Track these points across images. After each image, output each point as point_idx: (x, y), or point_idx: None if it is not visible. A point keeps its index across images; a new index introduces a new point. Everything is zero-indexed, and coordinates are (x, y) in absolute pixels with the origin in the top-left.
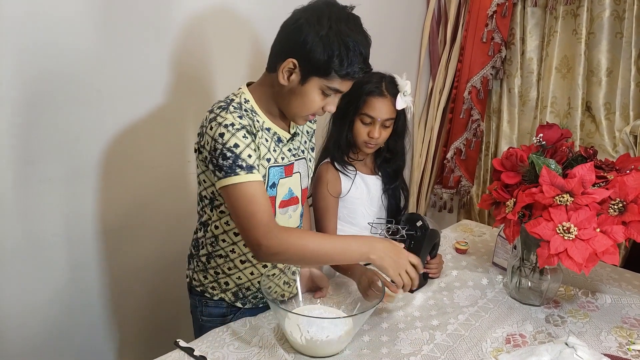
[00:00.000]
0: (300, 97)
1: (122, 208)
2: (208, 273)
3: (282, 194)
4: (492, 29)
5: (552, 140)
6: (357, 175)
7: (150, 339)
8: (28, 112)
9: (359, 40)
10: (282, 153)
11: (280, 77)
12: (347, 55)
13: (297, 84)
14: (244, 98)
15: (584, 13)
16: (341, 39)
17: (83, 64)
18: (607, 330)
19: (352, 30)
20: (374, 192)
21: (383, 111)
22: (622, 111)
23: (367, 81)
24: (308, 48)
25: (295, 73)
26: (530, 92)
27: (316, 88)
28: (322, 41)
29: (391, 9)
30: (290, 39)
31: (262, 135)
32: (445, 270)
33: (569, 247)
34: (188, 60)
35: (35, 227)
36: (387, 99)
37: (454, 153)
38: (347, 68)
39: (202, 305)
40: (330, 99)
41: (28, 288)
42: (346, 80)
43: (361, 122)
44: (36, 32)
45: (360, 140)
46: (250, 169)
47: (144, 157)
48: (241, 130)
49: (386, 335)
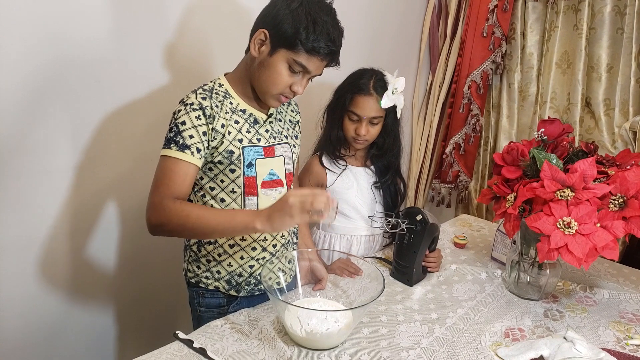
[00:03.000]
0: (268, 69)
1: (121, 200)
2: (200, 262)
3: (262, 174)
4: (492, 24)
5: (554, 135)
6: (345, 169)
7: (149, 331)
8: (27, 102)
9: (327, 20)
10: (257, 134)
11: (252, 48)
12: (314, 30)
13: (266, 56)
14: (218, 83)
15: (585, 8)
16: (310, 15)
17: (84, 55)
18: (605, 324)
19: (322, 12)
20: (362, 183)
21: (368, 109)
22: (621, 107)
23: (358, 77)
24: (278, 20)
25: (266, 45)
26: (530, 87)
27: (283, 60)
28: (292, 14)
29: (391, 3)
30: (264, 13)
31: (232, 117)
32: (444, 265)
33: (569, 241)
34: (189, 53)
35: (33, 219)
36: (373, 98)
37: (452, 148)
38: (312, 42)
39: (199, 297)
40: (298, 79)
41: (25, 280)
42: (312, 56)
43: (349, 119)
44: (35, 24)
45: (349, 137)
46: (184, 148)
47: (144, 149)
48: (197, 111)
49: (385, 328)
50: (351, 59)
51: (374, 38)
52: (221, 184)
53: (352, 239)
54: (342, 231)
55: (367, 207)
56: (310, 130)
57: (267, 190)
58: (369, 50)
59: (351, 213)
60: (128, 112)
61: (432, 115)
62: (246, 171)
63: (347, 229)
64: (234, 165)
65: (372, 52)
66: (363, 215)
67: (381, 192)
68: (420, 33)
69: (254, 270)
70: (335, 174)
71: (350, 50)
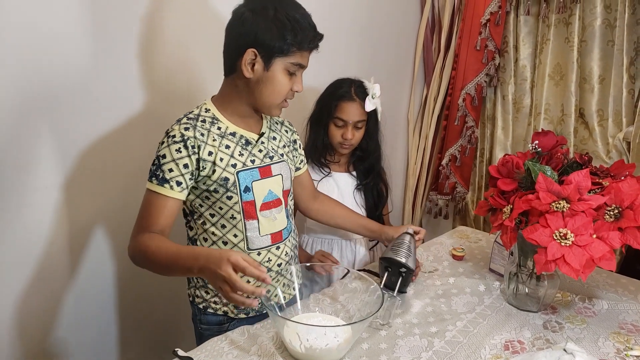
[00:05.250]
0: (269, 84)
1: (119, 215)
2: (208, 288)
3: (261, 196)
4: (485, 37)
5: (548, 147)
6: (328, 175)
7: (151, 348)
8: (24, 119)
9: (303, 13)
10: (251, 155)
11: (244, 72)
12: (299, 27)
13: (262, 72)
14: (205, 108)
15: (576, 21)
16: (289, 15)
17: (78, 72)
18: (605, 336)
19: (295, 8)
20: (344, 188)
21: (353, 114)
22: (614, 118)
23: (338, 87)
24: (262, 34)
25: (258, 62)
26: (524, 99)
27: (281, 69)
28: (273, 23)
29: (386, 18)
30: (242, 33)
31: (222, 142)
32: (442, 277)
33: (566, 253)
34: (183, 70)
35: (32, 235)
36: (356, 103)
37: (448, 160)
38: (301, 39)
39: (200, 314)
40: (296, 78)
41: (26, 297)
42: (304, 51)
43: (335, 125)
44: (30, 41)
45: (335, 142)
46: (163, 182)
47: (137, 163)
48: (177, 144)
49: (385, 342)
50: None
51: (369, 52)
52: (220, 211)
53: (332, 243)
54: (323, 236)
55: None
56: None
57: (266, 212)
58: (365, 65)
59: None
60: (121, 129)
61: (428, 127)
62: (243, 196)
63: (328, 233)
64: (230, 192)
65: (368, 66)
66: None
67: (363, 194)
68: (415, 47)
69: None
70: (315, 182)
71: (347, 65)
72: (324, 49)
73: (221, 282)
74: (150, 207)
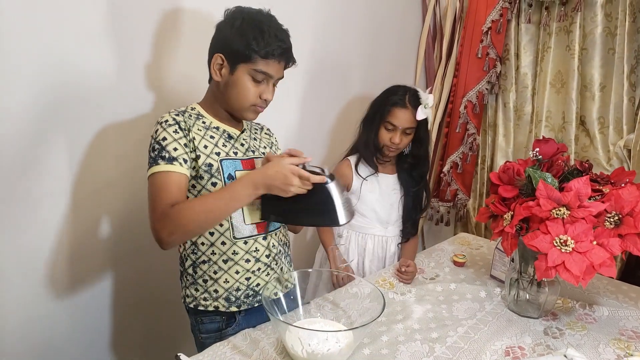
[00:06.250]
0: (235, 87)
1: (123, 222)
2: (198, 284)
3: None
4: (487, 45)
5: (548, 154)
6: (373, 174)
7: (152, 354)
8: (33, 126)
9: (271, 25)
10: (234, 147)
11: (213, 74)
12: (262, 37)
13: (228, 76)
14: (191, 107)
15: (577, 29)
16: (254, 25)
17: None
18: (605, 342)
19: (263, 20)
20: (385, 190)
21: (404, 120)
22: (615, 125)
23: (393, 93)
24: (228, 41)
25: (225, 67)
26: (525, 107)
27: (245, 74)
28: (238, 31)
29: (387, 26)
30: (214, 41)
31: (207, 133)
32: (444, 283)
33: (566, 259)
34: (189, 80)
35: (34, 243)
36: (408, 110)
37: (450, 167)
38: (264, 47)
39: (198, 324)
40: (264, 87)
41: (26, 304)
42: (269, 60)
43: (385, 129)
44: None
45: (383, 144)
46: (171, 160)
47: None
48: (173, 126)
49: (386, 348)
50: (350, 80)
51: (371, 61)
52: None
53: (366, 237)
54: (358, 229)
55: (385, 211)
56: (340, 141)
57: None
58: (367, 73)
59: (369, 214)
60: (127, 137)
61: (430, 134)
62: (227, 182)
63: (363, 228)
64: (214, 178)
65: (370, 74)
66: (380, 217)
67: (403, 199)
68: (416, 55)
69: (251, 282)
70: (361, 178)
71: (350, 72)
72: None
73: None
74: (164, 185)
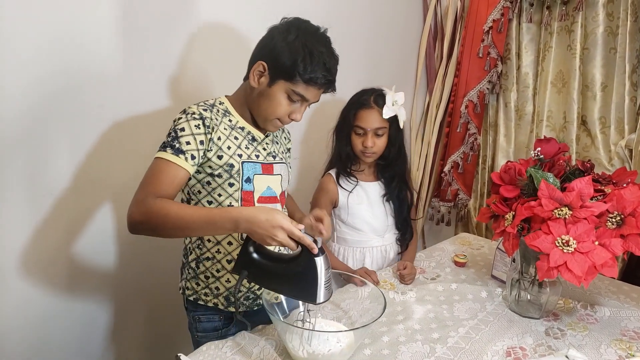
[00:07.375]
0: (268, 99)
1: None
2: (199, 279)
3: (260, 189)
4: (488, 44)
5: (550, 154)
6: (356, 185)
7: (151, 353)
8: (33, 126)
9: (323, 51)
10: (256, 150)
11: (251, 79)
12: (310, 62)
13: (265, 86)
14: (219, 101)
15: (578, 29)
16: (306, 47)
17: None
18: (607, 342)
19: (318, 43)
20: (373, 197)
21: (371, 121)
22: (617, 125)
23: (359, 96)
24: (276, 52)
25: (265, 76)
26: (527, 106)
27: (282, 91)
28: (289, 46)
29: (389, 25)
30: (262, 45)
31: (232, 133)
32: (445, 283)
33: (568, 260)
34: (191, 76)
35: (37, 241)
36: (374, 110)
37: (451, 166)
38: (310, 73)
39: (196, 322)
40: (297, 107)
41: (26, 303)
42: (310, 86)
43: (355, 134)
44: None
45: (358, 151)
46: (179, 152)
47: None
48: (197, 120)
49: (387, 348)
50: (350, 81)
51: (372, 60)
52: (219, 198)
53: (364, 251)
54: (355, 245)
55: (378, 220)
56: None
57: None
58: (368, 73)
59: (363, 227)
60: (130, 134)
61: (430, 134)
62: (244, 185)
63: (360, 242)
64: (232, 179)
65: (371, 74)
66: (375, 228)
67: (390, 203)
68: (417, 54)
69: (252, 285)
70: (346, 192)
71: (350, 73)
72: None
73: (270, 240)
74: (161, 174)
